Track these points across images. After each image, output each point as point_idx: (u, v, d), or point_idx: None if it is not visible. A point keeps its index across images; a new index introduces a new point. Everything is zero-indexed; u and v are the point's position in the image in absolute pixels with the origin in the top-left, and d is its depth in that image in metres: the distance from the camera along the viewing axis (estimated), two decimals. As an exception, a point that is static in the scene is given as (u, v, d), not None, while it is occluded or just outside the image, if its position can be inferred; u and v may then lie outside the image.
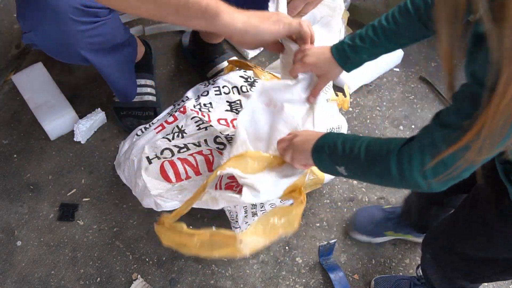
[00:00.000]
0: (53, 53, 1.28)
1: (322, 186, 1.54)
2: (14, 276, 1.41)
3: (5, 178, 1.58)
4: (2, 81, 1.79)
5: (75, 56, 1.27)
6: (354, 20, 1.93)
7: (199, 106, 1.37)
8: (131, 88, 1.61)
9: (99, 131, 1.67)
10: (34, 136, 1.66)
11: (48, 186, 1.57)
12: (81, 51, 1.25)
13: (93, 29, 1.22)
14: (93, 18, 1.21)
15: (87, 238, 1.47)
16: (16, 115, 1.71)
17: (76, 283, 1.40)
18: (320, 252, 1.40)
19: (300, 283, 1.40)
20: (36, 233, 1.48)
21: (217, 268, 1.42)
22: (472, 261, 1.01)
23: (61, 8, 1.15)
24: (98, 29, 1.24)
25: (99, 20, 1.22)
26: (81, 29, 1.20)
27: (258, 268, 1.42)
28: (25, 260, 1.44)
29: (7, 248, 1.46)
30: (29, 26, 1.18)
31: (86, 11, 1.18)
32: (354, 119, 1.71)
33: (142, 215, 1.50)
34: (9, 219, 1.51)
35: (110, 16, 1.25)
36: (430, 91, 1.78)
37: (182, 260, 1.43)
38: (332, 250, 1.41)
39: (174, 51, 1.86)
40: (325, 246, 1.38)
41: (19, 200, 1.54)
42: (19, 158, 1.62)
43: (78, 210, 1.52)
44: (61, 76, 1.76)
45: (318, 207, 1.52)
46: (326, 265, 1.40)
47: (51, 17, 1.16)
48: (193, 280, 1.40)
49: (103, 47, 1.31)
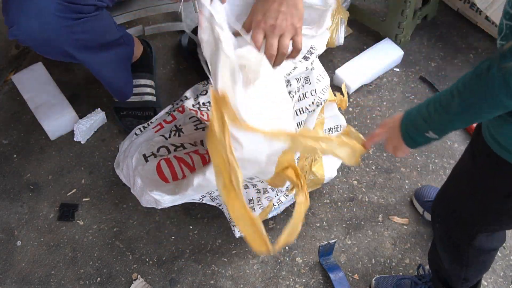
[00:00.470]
0: (37, 49, 1.27)
1: (322, 186, 1.54)
2: (14, 276, 1.41)
3: (5, 178, 1.58)
4: (2, 81, 1.79)
5: (60, 52, 1.26)
6: (354, 20, 1.93)
7: (198, 105, 1.37)
8: (127, 87, 1.60)
9: (99, 131, 1.67)
10: (34, 136, 1.67)
11: (48, 186, 1.57)
12: (65, 47, 1.24)
13: (78, 25, 1.22)
14: (78, 15, 1.20)
15: (87, 238, 1.47)
16: (16, 115, 1.71)
17: (76, 283, 1.40)
18: (320, 252, 1.40)
19: (300, 283, 1.40)
20: (36, 233, 1.48)
21: (217, 268, 1.42)
22: (475, 213, 1.01)
23: (43, 3, 1.15)
24: (83, 26, 1.23)
25: (84, 17, 1.21)
26: (64, 24, 1.19)
27: (258, 268, 1.42)
28: (25, 260, 1.44)
29: (7, 248, 1.46)
30: (12, 21, 1.17)
31: (70, 7, 1.18)
32: (354, 119, 1.71)
33: (142, 215, 1.50)
34: (9, 219, 1.51)
35: (96, 13, 1.25)
36: (430, 91, 1.78)
37: (182, 260, 1.43)
38: (332, 250, 1.41)
39: (174, 51, 1.86)
40: (325, 246, 1.38)
41: (19, 200, 1.54)
42: (19, 158, 1.62)
43: (78, 210, 1.52)
44: (61, 76, 1.76)
45: (318, 207, 1.52)
46: (326, 265, 1.40)
47: (33, 12, 1.15)
48: (193, 280, 1.40)
49: (92, 45, 1.31)
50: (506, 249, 1.45)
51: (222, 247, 1.46)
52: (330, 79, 1.80)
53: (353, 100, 1.76)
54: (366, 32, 1.93)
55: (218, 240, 1.47)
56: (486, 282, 1.39)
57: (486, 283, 1.39)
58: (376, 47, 1.84)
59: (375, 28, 1.91)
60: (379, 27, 1.89)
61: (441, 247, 1.15)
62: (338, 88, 1.78)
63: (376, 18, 1.92)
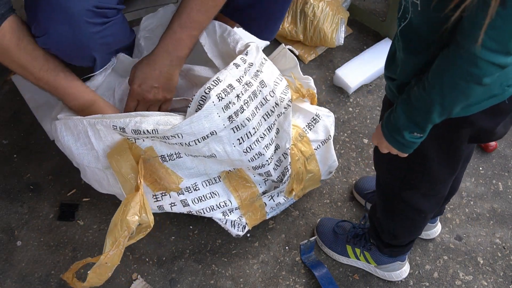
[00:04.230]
0: (65, 56, 1.26)
1: (322, 186, 1.54)
2: (14, 276, 1.41)
3: (5, 178, 1.58)
4: (2, 81, 1.79)
5: (87, 58, 1.26)
6: (354, 20, 1.93)
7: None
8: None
9: (99, 131, 1.67)
10: (34, 136, 1.67)
11: (48, 186, 1.57)
12: (93, 52, 1.24)
13: (105, 30, 1.21)
14: (104, 19, 1.20)
15: (87, 238, 1.47)
16: (16, 115, 1.72)
17: (76, 283, 1.40)
18: (301, 250, 1.41)
19: (300, 283, 1.40)
20: (36, 233, 1.48)
21: (217, 268, 1.42)
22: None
23: (74, 10, 1.14)
24: (109, 29, 1.22)
25: (109, 21, 1.21)
26: (94, 30, 1.19)
27: (258, 268, 1.42)
28: (25, 260, 1.44)
29: (7, 248, 1.46)
30: (43, 30, 1.16)
31: (97, 12, 1.18)
32: (354, 119, 1.71)
33: (142, 215, 1.50)
34: (9, 219, 1.51)
35: (119, 15, 1.25)
36: (430, 91, 1.78)
37: (182, 260, 1.43)
38: (313, 248, 1.42)
39: (174, 51, 1.86)
40: (306, 244, 1.39)
41: (19, 200, 1.54)
42: (19, 158, 1.62)
43: (78, 210, 1.52)
44: (61, 76, 1.76)
45: (318, 207, 1.53)
46: (309, 263, 1.41)
47: (65, 20, 1.14)
48: (193, 280, 1.40)
49: (114, 49, 1.31)
50: (506, 249, 1.45)
51: (222, 247, 1.46)
52: (330, 79, 1.81)
53: (353, 100, 1.76)
54: (366, 32, 1.93)
55: (218, 240, 1.47)
56: (486, 282, 1.39)
57: (486, 283, 1.39)
58: (376, 47, 1.84)
59: (375, 28, 1.91)
60: (379, 27, 1.89)
61: (378, 196, 1.23)
62: (338, 88, 1.78)
63: (376, 18, 1.92)
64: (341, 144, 1.65)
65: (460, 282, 1.40)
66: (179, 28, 1.17)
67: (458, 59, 0.74)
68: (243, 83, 1.12)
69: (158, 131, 1.09)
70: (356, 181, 1.54)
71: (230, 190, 1.28)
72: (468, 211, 1.52)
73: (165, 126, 1.09)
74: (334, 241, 1.41)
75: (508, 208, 1.52)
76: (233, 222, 1.33)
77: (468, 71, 0.74)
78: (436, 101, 0.81)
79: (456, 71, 0.75)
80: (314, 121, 1.36)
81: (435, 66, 0.79)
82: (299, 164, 1.33)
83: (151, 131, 1.09)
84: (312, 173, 1.38)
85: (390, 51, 0.95)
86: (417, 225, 1.24)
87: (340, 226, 1.42)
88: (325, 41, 1.78)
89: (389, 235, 1.26)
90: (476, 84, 0.75)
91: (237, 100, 1.10)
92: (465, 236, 1.47)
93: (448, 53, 0.76)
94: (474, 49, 0.71)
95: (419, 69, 0.85)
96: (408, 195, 1.12)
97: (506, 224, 1.49)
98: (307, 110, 1.37)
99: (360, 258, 1.37)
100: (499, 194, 1.55)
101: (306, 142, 1.34)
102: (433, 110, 0.82)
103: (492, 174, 1.59)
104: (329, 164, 1.42)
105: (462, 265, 1.42)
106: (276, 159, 1.26)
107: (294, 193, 1.37)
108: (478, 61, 0.72)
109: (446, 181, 1.10)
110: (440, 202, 1.17)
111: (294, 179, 1.34)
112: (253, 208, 1.34)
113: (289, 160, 1.29)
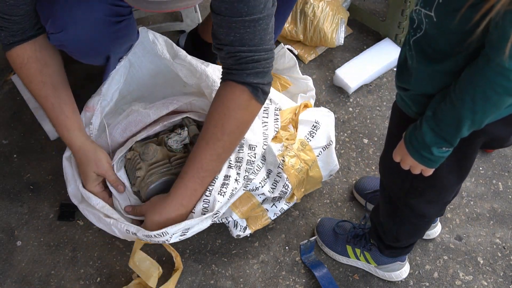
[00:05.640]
0: (80, 53, 1.24)
1: (322, 186, 1.54)
2: (14, 276, 1.41)
3: (5, 178, 1.58)
4: (2, 81, 1.79)
5: (102, 56, 1.25)
6: (354, 20, 1.93)
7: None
8: None
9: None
10: (34, 136, 1.67)
11: (48, 186, 1.57)
12: (108, 51, 1.23)
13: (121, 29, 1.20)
14: (119, 17, 1.19)
15: (87, 238, 1.47)
16: (16, 115, 1.72)
17: (76, 283, 1.40)
18: (301, 250, 1.41)
19: (300, 283, 1.40)
20: (36, 233, 1.48)
21: (217, 268, 1.42)
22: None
23: (95, 9, 1.13)
24: (124, 28, 1.22)
25: (124, 19, 1.20)
26: (112, 29, 1.18)
27: (258, 268, 1.42)
28: (25, 260, 1.44)
29: (7, 248, 1.46)
30: (60, 27, 1.14)
31: (113, 10, 1.16)
32: (354, 119, 1.71)
33: (142, 215, 1.50)
34: (9, 219, 1.51)
35: (131, 14, 1.24)
36: (430, 91, 1.78)
37: (182, 260, 1.43)
38: (313, 248, 1.42)
39: (174, 51, 1.86)
40: (306, 244, 1.39)
41: (19, 200, 1.54)
42: (19, 158, 1.62)
43: (78, 210, 1.52)
44: (61, 76, 1.76)
45: (318, 207, 1.53)
46: (309, 263, 1.41)
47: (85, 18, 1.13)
48: (193, 280, 1.40)
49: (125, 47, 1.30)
50: (506, 249, 1.45)
51: (222, 247, 1.46)
52: (330, 79, 1.80)
53: (353, 100, 1.76)
54: (366, 32, 1.93)
55: (218, 240, 1.47)
56: (486, 282, 1.39)
57: (486, 283, 1.39)
58: (376, 47, 1.84)
59: (375, 28, 1.91)
60: (379, 27, 1.89)
61: (382, 199, 1.22)
62: (338, 88, 1.78)
63: (376, 18, 1.92)
64: (341, 144, 1.65)
65: (460, 282, 1.40)
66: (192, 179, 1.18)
67: (488, 72, 0.74)
68: (234, 164, 1.21)
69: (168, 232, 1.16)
70: (356, 181, 1.54)
71: (230, 207, 1.30)
72: (468, 211, 1.52)
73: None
74: (334, 241, 1.41)
75: (508, 208, 1.52)
76: (236, 222, 1.34)
77: (501, 84, 0.73)
78: (467, 115, 0.79)
79: (488, 84, 0.75)
80: (314, 128, 1.37)
81: (464, 80, 0.78)
82: (302, 174, 1.33)
83: (161, 234, 1.15)
84: (313, 178, 1.38)
85: (400, 60, 0.93)
86: (420, 229, 1.24)
87: (340, 226, 1.42)
88: (325, 41, 1.78)
89: (391, 238, 1.26)
90: (509, 96, 0.75)
91: (235, 181, 1.20)
92: (465, 236, 1.47)
93: (477, 66, 0.75)
94: (503, 61, 0.70)
95: (435, 79, 0.84)
96: (413, 202, 1.11)
97: (506, 224, 1.49)
98: (306, 120, 1.37)
99: (360, 258, 1.37)
100: (499, 194, 1.55)
101: (309, 150, 1.34)
102: (464, 124, 0.81)
103: (492, 174, 1.59)
104: (331, 169, 1.42)
105: (462, 265, 1.42)
106: (270, 183, 1.30)
107: (296, 198, 1.38)
108: (509, 73, 0.72)
109: (453, 188, 1.09)
110: (445, 207, 1.17)
111: (295, 188, 1.34)
112: (255, 213, 1.35)
113: (286, 177, 1.30)
